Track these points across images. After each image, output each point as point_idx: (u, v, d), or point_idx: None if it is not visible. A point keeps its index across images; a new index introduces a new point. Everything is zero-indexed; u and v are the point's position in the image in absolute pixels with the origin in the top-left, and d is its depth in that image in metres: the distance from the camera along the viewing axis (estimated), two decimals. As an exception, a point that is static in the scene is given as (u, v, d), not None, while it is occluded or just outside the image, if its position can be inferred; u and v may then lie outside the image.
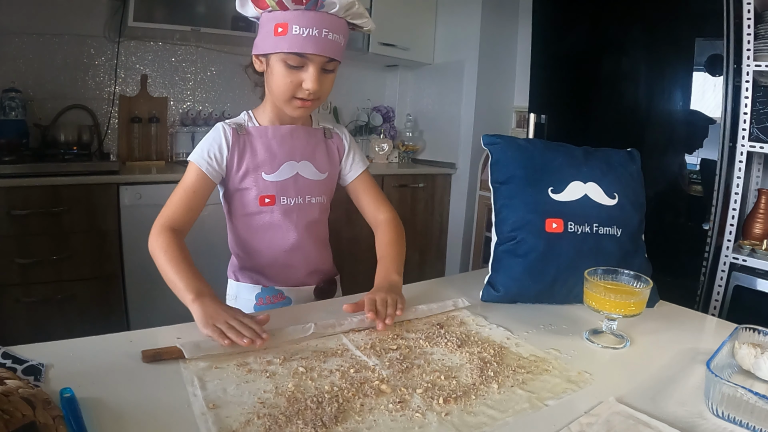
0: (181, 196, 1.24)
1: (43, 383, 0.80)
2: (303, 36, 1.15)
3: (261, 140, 1.32)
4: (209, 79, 3.41)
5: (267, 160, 1.32)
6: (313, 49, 1.17)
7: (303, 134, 1.37)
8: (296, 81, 1.21)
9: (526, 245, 1.25)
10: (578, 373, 0.95)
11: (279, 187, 1.33)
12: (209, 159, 1.27)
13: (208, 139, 1.30)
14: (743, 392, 0.77)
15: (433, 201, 3.83)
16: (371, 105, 4.15)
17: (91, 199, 2.48)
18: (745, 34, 2.04)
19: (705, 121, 2.53)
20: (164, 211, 1.22)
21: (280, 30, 1.17)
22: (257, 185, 1.31)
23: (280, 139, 1.33)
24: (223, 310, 1.02)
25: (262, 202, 1.32)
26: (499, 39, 3.70)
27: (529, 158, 1.31)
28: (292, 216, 1.35)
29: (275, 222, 1.34)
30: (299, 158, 1.35)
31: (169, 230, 1.18)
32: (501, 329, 1.12)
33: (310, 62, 1.19)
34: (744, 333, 1.01)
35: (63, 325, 2.42)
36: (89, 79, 3.02)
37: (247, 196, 1.33)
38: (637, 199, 1.34)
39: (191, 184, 1.25)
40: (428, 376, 0.90)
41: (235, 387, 0.83)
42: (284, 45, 1.17)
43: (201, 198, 1.26)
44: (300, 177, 1.35)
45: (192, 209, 1.25)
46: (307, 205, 1.37)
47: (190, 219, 1.25)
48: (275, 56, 1.20)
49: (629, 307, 1.04)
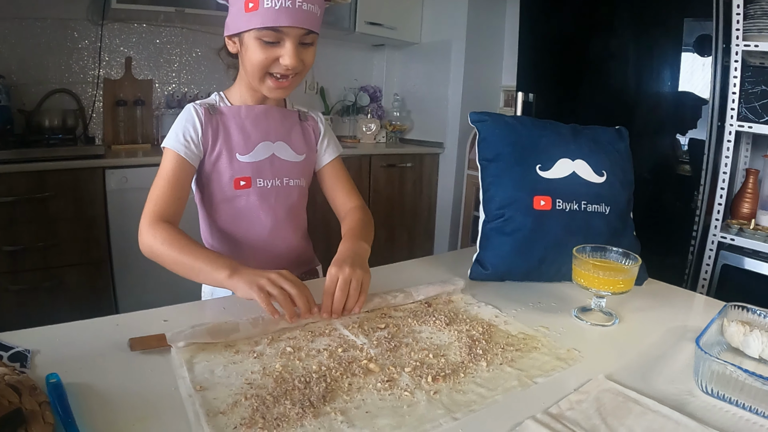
0: (164, 186, 1.16)
1: (29, 369, 0.79)
2: (276, 8, 1.09)
3: (234, 120, 1.27)
4: (194, 61, 3.37)
5: (241, 140, 1.26)
6: (288, 20, 1.10)
7: (278, 114, 1.33)
8: (272, 57, 1.15)
9: (515, 223, 1.25)
10: (567, 350, 0.95)
11: (254, 168, 1.27)
12: (186, 142, 1.20)
13: (181, 122, 1.23)
14: (732, 369, 0.78)
15: (421, 181, 3.83)
16: (358, 85, 4.12)
17: (78, 184, 2.45)
18: (734, 14, 2.04)
19: (694, 100, 2.53)
20: (149, 206, 1.14)
21: (251, 5, 1.10)
22: (231, 167, 1.26)
23: (254, 118, 1.28)
24: (264, 271, 0.99)
25: (237, 185, 1.26)
26: (487, 18, 3.68)
27: (516, 135, 1.30)
28: (270, 199, 1.30)
29: (252, 206, 1.29)
30: (274, 138, 1.30)
31: (163, 222, 1.11)
32: (489, 307, 1.12)
33: (286, 36, 1.13)
34: (733, 311, 1.01)
35: (52, 312, 2.35)
36: (73, 62, 2.98)
37: (221, 179, 1.26)
38: (625, 177, 1.34)
39: (172, 172, 1.18)
40: (416, 354, 0.90)
41: (223, 368, 0.83)
42: (257, 20, 1.10)
43: (185, 184, 1.19)
44: (276, 158, 1.30)
45: (179, 198, 1.17)
46: (285, 188, 1.32)
47: (179, 208, 1.18)
48: (249, 34, 1.14)
49: (618, 285, 1.04)
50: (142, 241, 1.11)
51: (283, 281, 0.97)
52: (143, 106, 3.15)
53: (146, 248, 1.11)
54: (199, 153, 1.23)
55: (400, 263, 1.40)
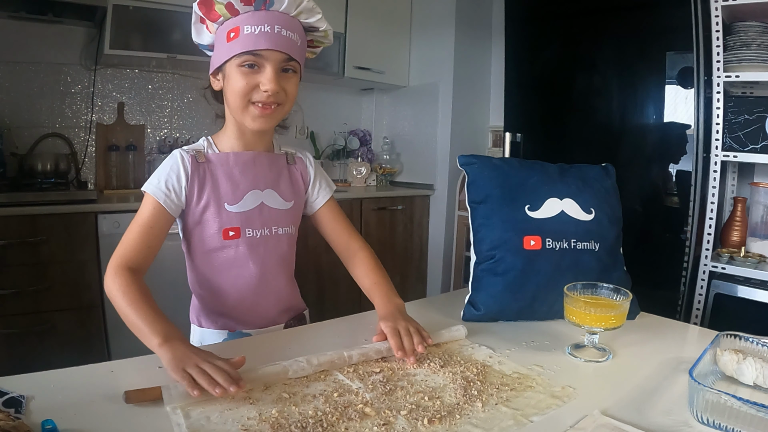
0: (138, 232, 1.14)
1: (24, 415, 0.79)
2: (255, 33, 1.11)
3: (222, 168, 1.24)
4: (186, 106, 3.41)
5: (229, 190, 1.23)
6: (267, 44, 1.11)
7: (266, 161, 1.30)
8: (253, 83, 1.14)
9: (505, 263, 1.27)
10: (562, 387, 0.95)
11: (243, 218, 1.24)
12: (167, 191, 1.17)
13: (165, 168, 1.20)
14: (727, 398, 0.78)
15: (413, 223, 3.84)
16: (348, 129, 4.18)
17: (70, 229, 2.45)
18: (714, 46, 2.09)
19: (679, 132, 2.58)
20: (119, 250, 1.13)
21: (233, 35, 1.13)
22: (220, 217, 1.22)
23: (242, 166, 1.25)
24: (193, 353, 0.93)
25: (226, 236, 1.23)
26: (473, 60, 3.76)
27: (504, 177, 1.32)
28: (259, 249, 1.27)
29: (240, 257, 1.25)
30: (263, 186, 1.28)
31: (126, 270, 1.09)
32: (483, 348, 1.13)
33: (266, 61, 1.13)
34: (725, 339, 1.02)
35: (44, 357, 2.37)
36: (66, 107, 3.01)
37: (209, 229, 1.23)
38: (613, 213, 1.36)
39: (148, 219, 1.16)
40: (412, 397, 0.90)
41: (219, 415, 0.82)
42: (237, 47, 1.12)
43: (159, 233, 1.17)
44: (265, 207, 1.27)
45: (150, 246, 1.15)
46: (275, 237, 1.29)
47: (148, 257, 1.15)
48: (230, 64, 1.15)
49: (610, 320, 1.05)
50: (105, 283, 1.09)
51: (206, 365, 0.89)
52: (135, 151, 3.17)
53: (107, 291, 1.09)
54: (180, 204, 1.20)
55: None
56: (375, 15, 3.69)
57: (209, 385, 0.85)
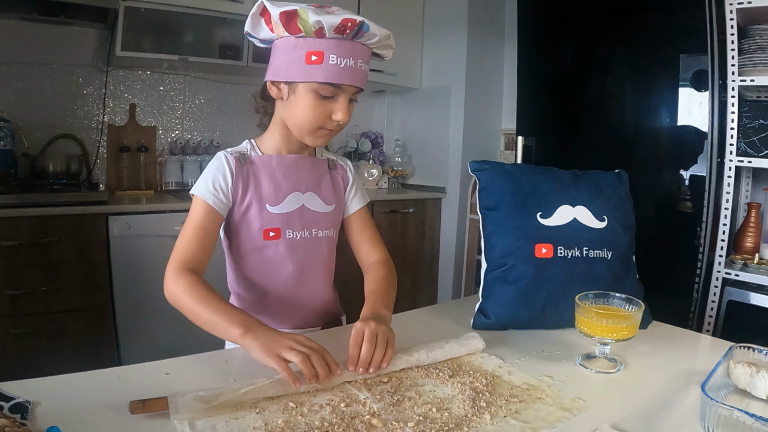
0: (192, 234, 1.17)
1: (30, 421, 0.78)
2: (340, 66, 1.12)
3: (265, 170, 1.26)
4: (198, 108, 3.42)
5: (272, 191, 1.25)
6: (350, 80, 1.13)
7: (308, 164, 1.32)
8: (326, 111, 1.17)
9: (516, 271, 1.25)
10: (572, 400, 0.94)
11: (284, 219, 1.26)
12: (215, 191, 1.20)
13: (211, 170, 1.22)
14: (739, 414, 0.77)
15: (424, 226, 3.82)
16: (360, 131, 4.16)
17: (80, 230, 2.46)
18: (729, 50, 2.07)
19: (693, 136, 2.54)
20: (176, 254, 1.15)
21: (314, 58, 1.11)
22: (261, 218, 1.25)
23: (285, 168, 1.28)
24: (280, 335, 0.97)
25: (266, 236, 1.25)
26: (486, 63, 3.74)
27: (516, 183, 1.31)
28: (298, 251, 1.29)
29: (280, 257, 1.27)
30: (305, 189, 1.29)
31: (187, 271, 1.11)
32: (493, 357, 1.11)
33: (342, 93, 1.15)
34: (739, 351, 1.00)
35: (53, 357, 2.39)
36: (78, 108, 3.03)
37: (250, 229, 1.25)
38: (626, 220, 1.34)
39: (200, 220, 1.18)
40: (420, 408, 0.88)
41: (225, 424, 0.82)
42: (319, 75, 1.12)
43: (212, 233, 1.19)
44: (306, 209, 1.29)
45: (205, 247, 1.17)
46: (314, 239, 1.31)
47: (205, 257, 1.17)
48: (305, 85, 1.15)
49: (622, 331, 1.03)
50: (166, 288, 1.11)
51: (300, 346, 0.94)
52: (147, 152, 3.18)
53: (169, 296, 1.11)
54: (228, 202, 1.22)
55: (405, 313, 1.39)
56: (387, 16, 3.65)
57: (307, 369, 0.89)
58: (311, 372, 0.90)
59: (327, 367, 0.92)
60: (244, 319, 1.01)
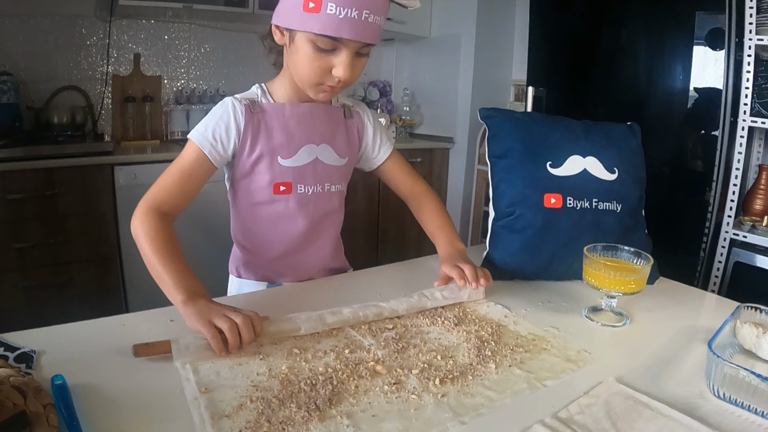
0: (176, 176, 1.10)
1: (34, 371, 0.79)
2: (339, 17, 0.98)
3: (277, 119, 1.17)
4: (203, 57, 3.37)
5: (284, 142, 1.17)
6: (350, 33, 1.00)
7: (323, 114, 1.23)
8: (325, 66, 1.05)
9: (524, 220, 1.23)
10: (577, 352, 0.93)
11: (296, 173, 1.19)
12: (213, 141, 1.12)
13: (215, 117, 1.14)
14: (745, 374, 0.76)
15: (431, 176, 3.80)
16: (368, 80, 4.11)
17: (86, 181, 2.46)
18: (747, 8, 2.01)
19: (706, 95, 2.49)
20: (153, 190, 1.09)
21: (312, 5, 0.99)
22: (272, 171, 1.17)
23: (298, 118, 1.19)
24: (218, 306, 0.91)
25: (277, 190, 1.19)
26: (497, 11, 3.65)
27: (526, 132, 1.28)
28: (309, 206, 1.23)
29: (290, 213, 1.22)
30: (319, 141, 1.21)
31: (157, 213, 1.05)
32: (499, 306, 1.11)
33: (343, 46, 1.03)
34: (746, 312, 0.99)
35: (62, 309, 2.41)
36: (81, 59, 2.98)
37: (259, 182, 1.19)
38: (637, 173, 1.31)
39: (188, 165, 1.11)
40: (424, 356, 0.88)
41: (228, 370, 0.82)
42: (315, 25, 1.00)
43: (198, 182, 1.12)
44: (319, 162, 1.22)
45: (185, 193, 1.11)
46: (326, 194, 1.25)
47: (182, 203, 1.11)
48: (302, 35, 1.04)
49: (629, 285, 1.02)
50: (133, 222, 1.05)
51: (233, 314, 0.88)
52: (152, 102, 3.15)
53: (133, 231, 1.05)
54: (226, 156, 1.15)
55: (412, 261, 1.39)
56: (396, -37, 3.58)
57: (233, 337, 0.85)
58: (235, 340, 0.85)
59: (253, 333, 0.87)
60: (191, 287, 0.95)
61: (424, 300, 1.07)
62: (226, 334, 0.85)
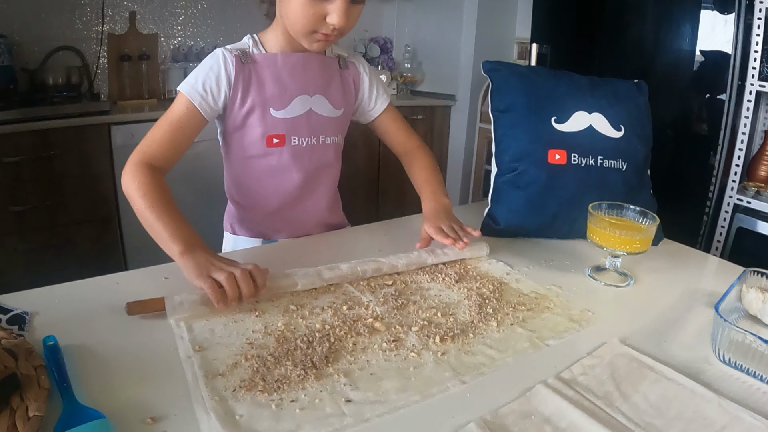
0: (166, 130, 1.07)
1: (27, 332, 0.77)
2: None
3: (269, 70, 1.13)
4: (200, 13, 3.29)
5: (276, 93, 1.14)
6: None
7: (317, 64, 1.18)
8: (319, 14, 1.01)
9: (528, 176, 1.20)
10: (580, 311, 0.92)
11: (290, 125, 1.16)
12: (203, 92, 1.09)
13: (204, 68, 1.11)
14: (752, 339, 0.74)
15: (433, 133, 3.76)
16: (368, 36, 4.01)
17: (83, 142, 2.43)
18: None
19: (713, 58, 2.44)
20: (143, 145, 1.05)
21: None
22: (264, 123, 1.14)
23: (291, 69, 1.15)
24: (217, 259, 0.89)
25: (270, 143, 1.16)
26: (501, -34, 3.54)
27: (531, 86, 1.24)
28: (303, 159, 1.20)
29: (284, 166, 1.19)
30: (313, 92, 1.18)
31: (148, 168, 1.02)
32: (501, 264, 1.09)
33: None
34: (752, 277, 0.97)
35: (61, 271, 2.36)
36: (76, 19, 2.90)
37: (251, 135, 1.16)
38: (643, 132, 1.28)
39: (178, 118, 1.08)
40: (424, 313, 0.87)
41: (223, 327, 0.80)
42: None
43: (188, 135, 1.09)
44: (313, 113, 1.19)
45: (176, 147, 1.07)
46: (321, 146, 1.22)
47: (173, 157, 1.08)
48: None
49: (634, 244, 1.00)
50: (123, 178, 1.02)
51: (231, 267, 0.87)
52: (148, 60, 3.08)
53: (124, 187, 1.02)
54: (217, 108, 1.12)
55: (412, 216, 1.36)
56: None
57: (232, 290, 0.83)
58: (234, 293, 0.83)
59: (252, 286, 0.85)
60: (188, 238, 0.93)
61: (424, 255, 1.06)
62: (224, 286, 0.83)
